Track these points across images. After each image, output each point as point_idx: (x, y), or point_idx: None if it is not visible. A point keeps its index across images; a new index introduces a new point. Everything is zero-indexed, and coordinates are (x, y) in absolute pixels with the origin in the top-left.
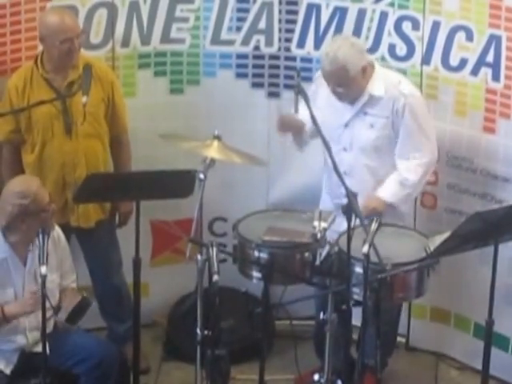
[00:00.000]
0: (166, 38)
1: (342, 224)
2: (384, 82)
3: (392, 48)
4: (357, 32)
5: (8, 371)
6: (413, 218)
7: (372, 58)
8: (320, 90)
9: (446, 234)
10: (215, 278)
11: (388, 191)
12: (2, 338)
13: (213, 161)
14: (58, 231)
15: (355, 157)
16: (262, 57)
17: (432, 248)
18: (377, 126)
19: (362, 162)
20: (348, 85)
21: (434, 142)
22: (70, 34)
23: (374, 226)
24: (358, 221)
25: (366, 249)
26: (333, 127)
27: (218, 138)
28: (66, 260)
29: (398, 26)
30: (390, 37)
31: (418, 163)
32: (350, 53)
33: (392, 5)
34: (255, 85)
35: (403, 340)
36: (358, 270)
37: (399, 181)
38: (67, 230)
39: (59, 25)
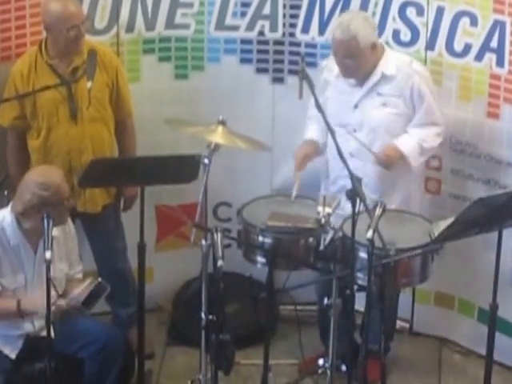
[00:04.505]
0: (170, 23)
1: (345, 207)
2: (396, 61)
3: (396, 33)
4: None
5: (13, 356)
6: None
7: (382, 41)
8: (329, 78)
9: (450, 220)
10: (220, 263)
11: (406, 145)
12: (9, 325)
13: (217, 146)
14: (68, 221)
15: (364, 138)
16: (266, 42)
17: (436, 233)
18: (390, 105)
19: (371, 143)
20: (356, 56)
21: (442, 116)
22: (75, 20)
23: (378, 211)
24: (362, 206)
25: (370, 234)
26: (342, 110)
27: (222, 123)
28: (74, 250)
29: (402, 12)
30: (394, 22)
31: (435, 133)
32: (362, 25)
33: None
34: (260, 70)
35: (407, 325)
36: (362, 255)
37: (418, 140)
38: (72, 214)
39: (63, 12)
